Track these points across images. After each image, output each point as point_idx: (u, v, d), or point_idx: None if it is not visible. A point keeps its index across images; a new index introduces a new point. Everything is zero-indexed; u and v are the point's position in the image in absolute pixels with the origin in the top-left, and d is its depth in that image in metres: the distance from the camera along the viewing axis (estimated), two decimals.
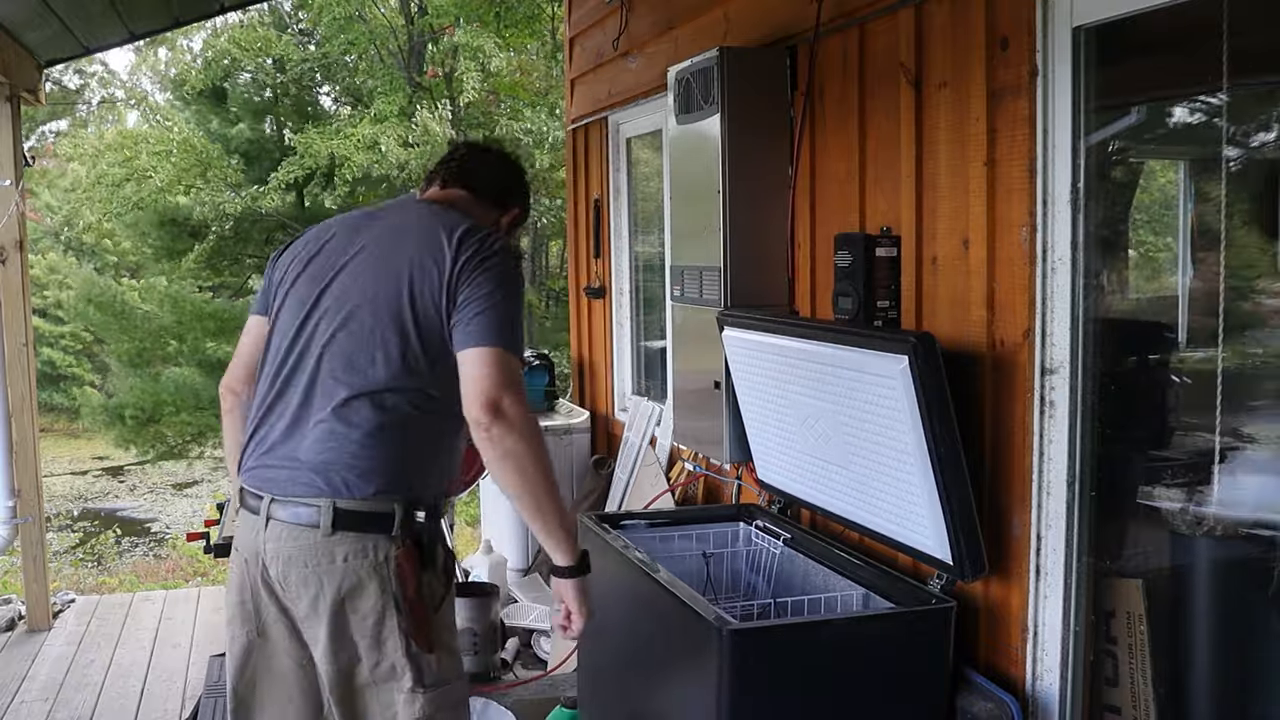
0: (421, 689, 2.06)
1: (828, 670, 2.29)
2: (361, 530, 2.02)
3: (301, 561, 2.03)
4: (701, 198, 3.26)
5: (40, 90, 5.20)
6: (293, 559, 2.04)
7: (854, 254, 2.72)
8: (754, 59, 3.19)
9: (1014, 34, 2.29)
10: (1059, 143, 2.21)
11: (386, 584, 2.02)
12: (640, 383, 4.81)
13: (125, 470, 16.24)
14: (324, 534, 2.01)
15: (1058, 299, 2.24)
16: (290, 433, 2.08)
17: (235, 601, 2.17)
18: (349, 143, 12.55)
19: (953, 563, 2.34)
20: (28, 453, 4.87)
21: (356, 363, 2.05)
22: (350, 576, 2.02)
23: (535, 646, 4.07)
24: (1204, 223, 2.72)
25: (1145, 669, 2.35)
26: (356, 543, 2.02)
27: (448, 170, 2.39)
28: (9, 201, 4.77)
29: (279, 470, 2.07)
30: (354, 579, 2.02)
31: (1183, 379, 2.67)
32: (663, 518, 3.27)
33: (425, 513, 2.07)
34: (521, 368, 2.05)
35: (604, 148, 4.88)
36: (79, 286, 14.65)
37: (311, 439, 2.05)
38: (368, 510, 2.03)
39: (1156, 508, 2.42)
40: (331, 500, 2.02)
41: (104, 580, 10.22)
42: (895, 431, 2.35)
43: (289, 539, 2.04)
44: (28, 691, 4.21)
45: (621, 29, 4.45)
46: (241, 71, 14.70)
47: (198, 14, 6.70)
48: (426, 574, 2.07)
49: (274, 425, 2.11)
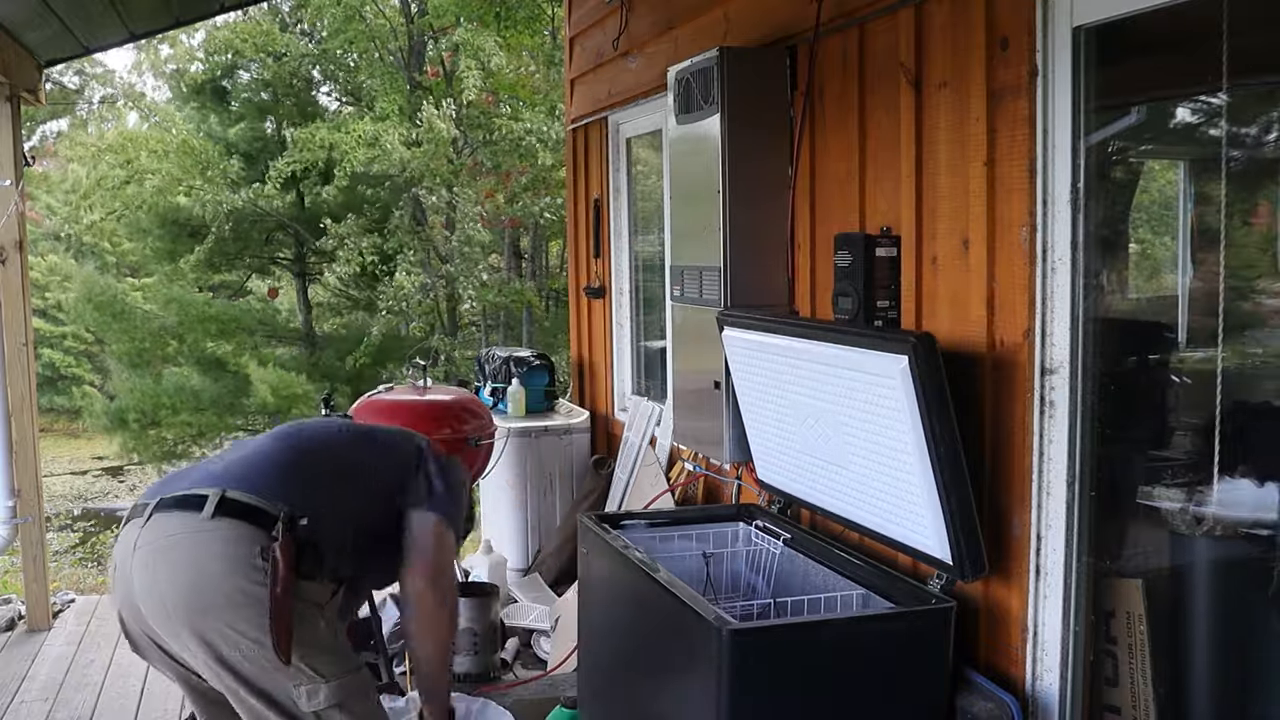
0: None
1: (828, 670, 2.29)
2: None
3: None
4: (701, 198, 3.26)
5: (40, 90, 5.20)
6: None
7: (854, 254, 2.72)
8: (754, 59, 3.19)
9: (1014, 34, 2.29)
10: (1059, 143, 2.21)
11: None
12: (640, 383, 4.81)
13: (125, 470, 16.24)
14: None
15: (1058, 299, 2.24)
16: None
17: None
18: (350, 137, 12.53)
19: (953, 563, 2.34)
20: (28, 453, 4.86)
21: None
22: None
23: (535, 646, 4.07)
24: (1204, 223, 2.72)
25: (1145, 669, 2.35)
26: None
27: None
28: (9, 201, 4.77)
29: None
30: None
31: (1183, 379, 2.67)
32: (663, 518, 3.27)
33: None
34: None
35: (604, 148, 4.88)
36: (80, 287, 14.65)
37: None
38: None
39: (1156, 508, 2.42)
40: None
41: (104, 580, 10.21)
42: (895, 431, 2.35)
43: None
44: (28, 691, 4.21)
45: (621, 29, 4.45)
46: (242, 70, 14.71)
47: (198, 14, 6.70)
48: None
49: None
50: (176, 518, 2.17)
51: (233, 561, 2.11)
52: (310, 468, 2.35)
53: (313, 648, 2.16)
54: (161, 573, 2.15)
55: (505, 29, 12.45)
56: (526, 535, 4.78)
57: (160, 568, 2.15)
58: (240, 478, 2.24)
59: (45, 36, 4.75)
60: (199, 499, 2.17)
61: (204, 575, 2.12)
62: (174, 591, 2.14)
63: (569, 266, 5.63)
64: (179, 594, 2.14)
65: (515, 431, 4.71)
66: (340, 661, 2.24)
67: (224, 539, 2.13)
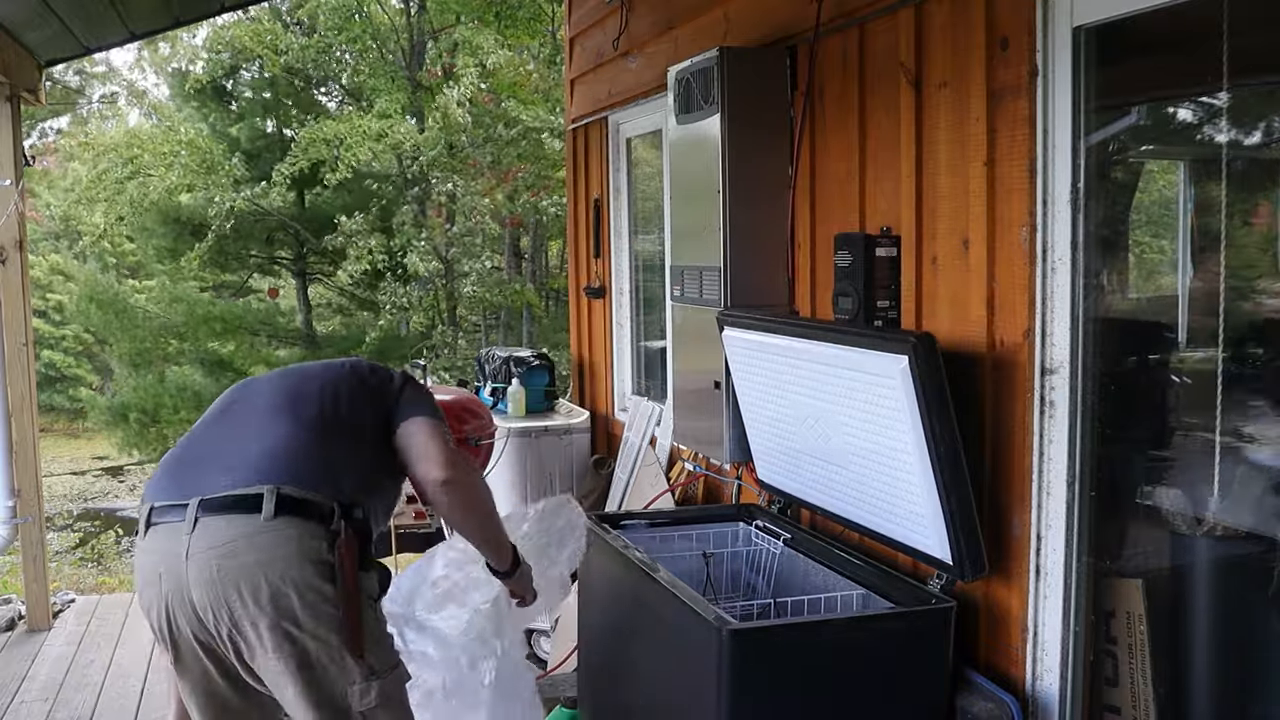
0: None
1: (828, 670, 2.29)
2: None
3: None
4: (701, 198, 3.26)
5: (40, 90, 5.20)
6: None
7: (854, 254, 2.72)
8: (754, 59, 3.19)
9: (1014, 34, 2.29)
10: (1059, 143, 2.21)
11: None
12: (640, 383, 4.80)
13: (125, 470, 16.24)
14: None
15: (1058, 299, 2.24)
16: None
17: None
18: (355, 132, 12.52)
19: (953, 563, 2.34)
20: (28, 453, 4.86)
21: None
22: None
23: (535, 646, 4.07)
24: (1204, 223, 2.71)
25: (1145, 669, 2.35)
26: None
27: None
28: (9, 201, 4.77)
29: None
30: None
31: (1183, 379, 2.67)
32: (663, 518, 3.27)
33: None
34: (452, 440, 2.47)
35: (604, 148, 4.88)
36: (81, 286, 14.65)
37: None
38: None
39: (1156, 508, 2.42)
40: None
41: (104, 580, 10.22)
42: (895, 431, 2.35)
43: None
44: (28, 691, 4.21)
45: (621, 29, 4.45)
46: (244, 70, 14.71)
47: (198, 14, 6.70)
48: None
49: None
50: (233, 522, 2.09)
51: (302, 561, 2.07)
52: (334, 444, 2.27)
53: (371, 642, 2.15)
54: (230, 578, 2.06)
55: (505, 28, 12.44)
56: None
57: (229, 574, 2.06)
58: (282, 470, 2.15)
59: (45, 36, 4.75)
60: (253, 499, 2.09)
61: (279, 578, 2.06)
62: (253, 598, 2.06)
63: (569, 266, 5.63)
64: (258, 601, 2.06)
65: (515, 431, 4.71)
66: (388, 655, 2.23)
67: (289, 538, 2.08)
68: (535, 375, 5.09)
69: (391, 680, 2.19)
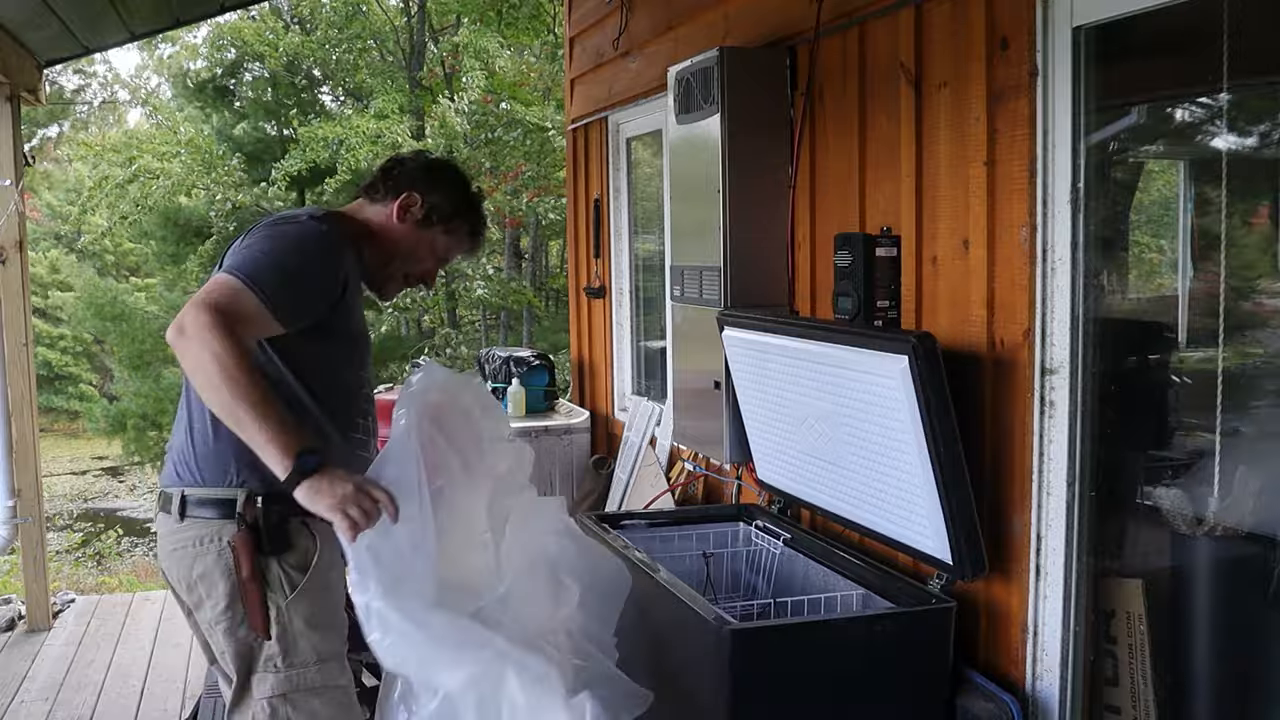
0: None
1: (828, 670, 2.29)
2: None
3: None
4: (701, 198, 3.26)
5: (40, 90, 5.20)
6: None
7: (854, 254, 2.72)
8: (754, 59, 3.19)
9: (1014, 34, 2.29)
10: (1059, 143, 2.21)
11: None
12: (640, 383, 4.81)
13: (125, 470, 16.24)
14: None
15: (1058, 299, 2.24)
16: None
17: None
18: (355, 133, 12.53)
19: (953, 562, 2.34)
20: (28, 453, 4.86)
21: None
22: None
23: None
24: (1204, 223, 2.72)
25: (1145, 669, 2.35)
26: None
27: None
28: (9, 201, 4.77)
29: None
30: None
31: (1183, 379, 2.67)
32: (663, 518, 3.28)
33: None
34: (248, 293, 1.94)
35: (604, 148, 4.88)
36: (81, 290, 14.65)
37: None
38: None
39: (1156, 508, 2.42)
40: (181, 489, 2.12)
41: (104, 580, 10.23)
42: (895, 431, 2.35)
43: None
44: (28, 691, 4.21)
45: (621, 29, 4.45)
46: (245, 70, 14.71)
47: (198, 14, 6.70)
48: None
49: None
50: (161, 520, 2.18)
51: (194, 560, 2.09)
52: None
53: (282, 630, 2.09)
54: (164, 571, 2.18)
55: (506, 27, 12.46)
56: None
57: (163, 567, 2.18)
58: (183, 467, 2.13)
59: (45, 36, 4.75)
60: (165, 497, 2.15)
61: (181, 579, 2.13)
62: (175, 590, 2.19)
63: (569, 266, 5.63)
64: (178, 595, 2.19)
65: (515, 432, 4.71)
66: (309, 650, 2.11)
67: (189, 539, 2.10)
68: (535, 375, 5.09)
69: (307, 674, 2.10)
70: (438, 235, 2.32)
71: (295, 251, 2.07)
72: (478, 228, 2.41)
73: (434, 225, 2.31)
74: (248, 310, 1.93)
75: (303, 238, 2.11)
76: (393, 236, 2.29)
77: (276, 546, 2.07)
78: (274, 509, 2.05)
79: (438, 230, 2.31)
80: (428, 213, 2.29)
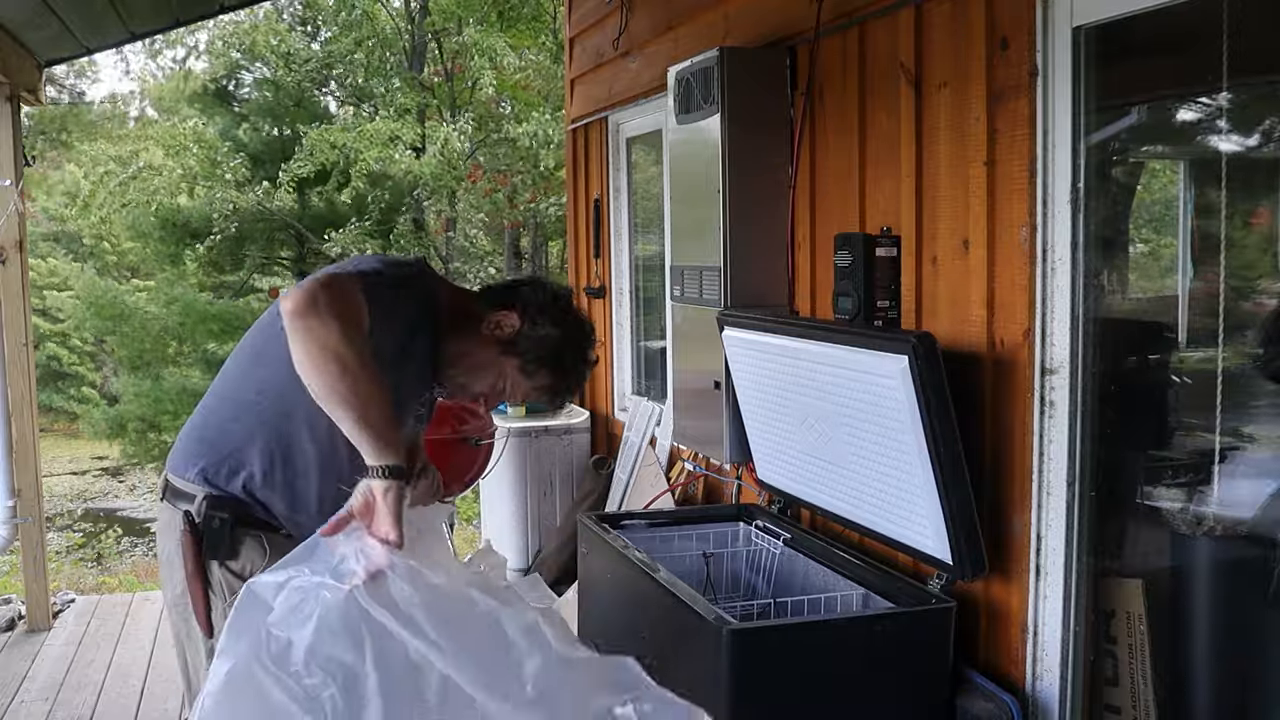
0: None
1: (828, 670, 2.29)
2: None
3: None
4: (701, 198, 3.26)
5: (40, 90, 5.20)
6: None
7: (854, 254, 2.72)
8: (754, 59, 3.19)
9: (1014, 34, 2.29)
10: (1059, 143, 2.21)
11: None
12: (640, 383, 4.81)
13: (125, 470, 16.24)
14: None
15: (1058, 299, 2.24)
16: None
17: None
18: (363, 139, 12.54)
19: (953, 562, 2.34)
20: (28, 453, 4.86)
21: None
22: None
23: None
24: (1204, 223, 2.72)
25: (1145, 669, 2.35)
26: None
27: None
28: (9, 201, 4.77)
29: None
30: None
31: (1183, 379, 2.67)
32: (663, 518, 3.27)
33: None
34: (353, 286, 1.84)
35: (604, 148, 4.88)
36: (81, 291, 14.65)
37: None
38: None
39: (1156, 508, 2.42)
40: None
41: (104, 580, 10.23)
42: (895, 431, 2.35)
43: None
44: (27, 691, 4.21)
45: (621, 29, 4.45)
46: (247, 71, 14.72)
47: (198, 14, 6.70)
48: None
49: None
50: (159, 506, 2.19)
51: (168, 544, 2.09)
52: (216, 407, 2.09)
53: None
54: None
55: (508, 28, 12.46)
56: (526, 535, 4.78)
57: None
58: (178, 446, 2.12)
59: (45, 36, 4.75)
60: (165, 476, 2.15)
61: (162, 560, 2.14)
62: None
63: (569, 266, 5.63)
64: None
65: (515, 431, 4.71)
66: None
67: (165, 522, 2.10)
68: None
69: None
70: (513, 368, 2.09)
71: (395, 272, 2.02)
72: (559, 389, 2.15)
73: (515, 355, 2.08)
74: (360, 304, 1.84)
75: (402, 270, 2.05)
76: (471, 341, 2.10)
77: (216, 551, 2.04)
78: (215, 514, 2.02)
79: (514, 363, 2.08)
80: (515, 340, 2.07)
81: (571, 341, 2.12)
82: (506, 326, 2.08)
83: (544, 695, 1.59)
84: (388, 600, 1.60)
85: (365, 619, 1.58)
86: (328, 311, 1.74)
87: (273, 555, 2.01)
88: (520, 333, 2.07)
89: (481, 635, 1.63)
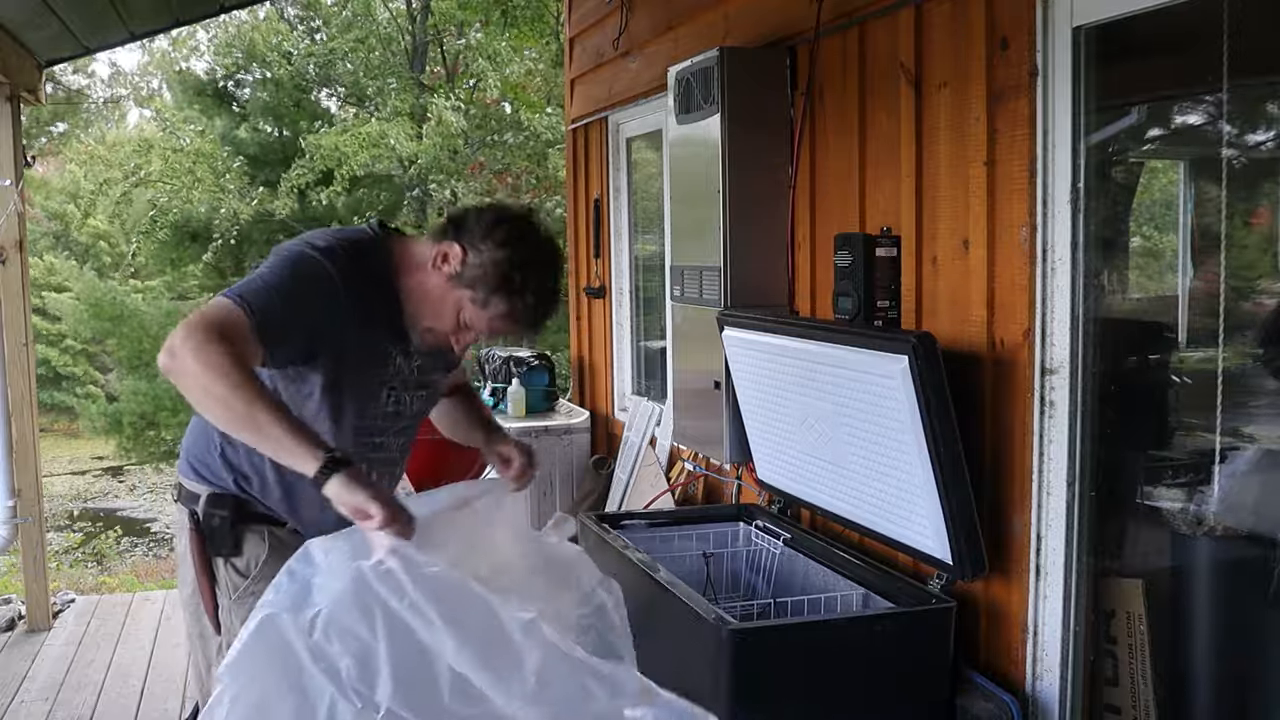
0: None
1: (828, 670, 2.29)
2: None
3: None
4: (701, 198, 3.26)
5: (40, 90, 5.20)
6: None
7: (854, 254, 2.72)
8: (754, 59, 3.19)
9: (1014, 34, 2.29)
10: (1059, 143, 2.21)
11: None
12: (640, 383, 4.81)
13: (125, 470, 16.24)
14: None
15: (1058, 299, 2.24)
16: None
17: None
18: (355, 141, 12.55)
19: (953, 562, 2.34)
20: (28, 453, 4.86)
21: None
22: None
23: None
24: (1204, 223, 2.72)
25: (1145, 669, 2.35)
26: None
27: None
28: (9, 201, 4.77)
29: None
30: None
31: (1183, 379, 2.67)
32: (663, 518, 3.27)
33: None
34: (239, 311, 1.81)
35: (604, 148, 4.88)
36: (80, 292, 14.65)
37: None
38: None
39: (1156, 508, 2.42)
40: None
41: (104, 580, 10.22)
42: (895, 431, 2.35)
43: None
44: (27, 691, 4.21)
45: (621, 29, 4.45)
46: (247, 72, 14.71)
47: (198, 14, 6.70)
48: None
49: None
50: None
51: (180, 543, 2.14)
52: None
53: (228, 629, 2.10)
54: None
55: (509, 27, 12.46)
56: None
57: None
58: (183, 448, 2.18)
59: (45, 36, 4.75)
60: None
61: (178, 557, 2.18)
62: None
63: (569, 266, 5.64)
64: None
65: (515, 432, 4.70)
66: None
67: (178, 522, 2.15)
68: (535, 375, 5.09)
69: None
70: (466, 300, 1.99)
71: (289, 277, 1.91)
72: (518, 317, 2.01)
73: (465, 287, 1.99)
74: (237, 327, 1.79)
75: (295, 263, 1.94)
76: (424, 284, 2.02)
77: (220, 548, 2.07)
78: (215, 512, 2.05)
79: (466, 294, 1.99)
80: (461, 271, 1.98)
81: (521, 263, 1.97)
82: (452, 259, 1.98)
83: (546, 690, 1.63)
84: (395, 586, 1.63)
85: (378, 601, 1.61)
86: (186, 355, 1.71)
87: (276, 549, 2.05)
88: (465, 262, 1.97)
89: (485, 630, 1.66)
